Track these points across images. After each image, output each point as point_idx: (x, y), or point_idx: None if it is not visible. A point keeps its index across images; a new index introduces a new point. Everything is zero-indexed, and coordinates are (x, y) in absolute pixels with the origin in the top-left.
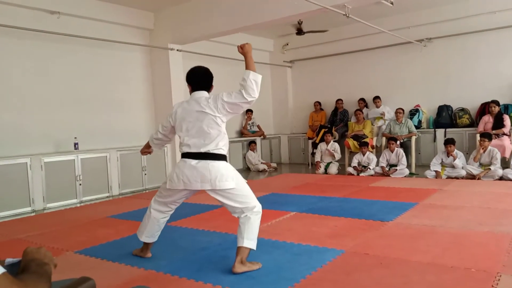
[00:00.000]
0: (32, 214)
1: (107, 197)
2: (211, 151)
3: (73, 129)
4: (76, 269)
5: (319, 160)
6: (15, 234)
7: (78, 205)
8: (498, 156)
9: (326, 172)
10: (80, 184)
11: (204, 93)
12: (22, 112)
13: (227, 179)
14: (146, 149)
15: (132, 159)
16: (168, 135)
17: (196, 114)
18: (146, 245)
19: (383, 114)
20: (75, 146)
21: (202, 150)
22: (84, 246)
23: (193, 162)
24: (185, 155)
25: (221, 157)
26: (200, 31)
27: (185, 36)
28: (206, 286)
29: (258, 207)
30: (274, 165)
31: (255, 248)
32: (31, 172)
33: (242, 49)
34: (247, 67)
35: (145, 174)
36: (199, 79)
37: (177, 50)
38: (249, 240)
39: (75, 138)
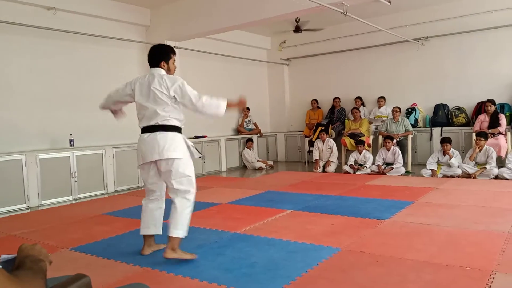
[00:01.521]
0: (27, 211)
1: (103, 194)
2: (160, 123)
3: (68, 126)
4: (71, 266)
5: (317, 158)
6: (10, 230)
7: (73, 202)
8: (494, 155)
9: (324, 170)
10: (75, 181)
11: (159, 70)
12: (18, 109)
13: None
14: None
15: (127, 156)
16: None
17: (149, 90)
18: (144, 239)
19: (383, 122)
20: (70, 143)
21: (152, 122)
22: (79, 243)
23: (145, 135)
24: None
25: (170, 128)
26: (197, 28)
27: (182, 33)
28: (202, 284)
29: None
30: (270, 163)
31: (183, 236)
32: (26, 169)
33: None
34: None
35: None
36: (150, 56)
37: (174, 47)
38: (177, 230)
39: (71, 135)
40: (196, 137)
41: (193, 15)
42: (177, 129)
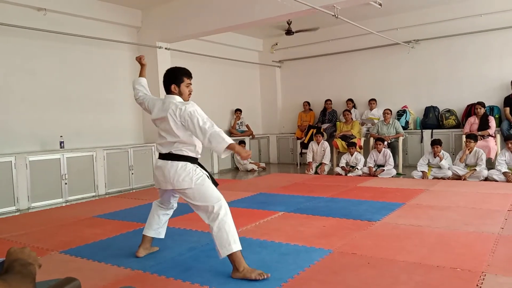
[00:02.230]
0: (17, 214)
1: (93, 196)
2: (173, 152)
3: (59, 127)
4: (61, 270)
5: (311, 160)
6: None
7: (64, 204)
8: (484, 157)
9: (316, 172)
10: (65, 183)
11: (172, 97)
12: (7, 110)
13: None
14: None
15: (119, 158)
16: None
17: (163, 118)
18: (143, 239)
19: (374, 124)
20: (60, 144)
21: (164, 151)
22: (69, 246)
23: (159, 162)
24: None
25: (181, 158)
26: (189, 30)
27: (174, 35)
28: (194, 286)
29: (217, 207)
30: (262, 165)
31: (235, 249)
32: (16, 171)
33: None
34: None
35: (132, 173)
36: (163, 80)
37: (166, 48)
38: (223, 249)
39: (61, 136)
40: None
41: (184, 16)
42: (188, 159)
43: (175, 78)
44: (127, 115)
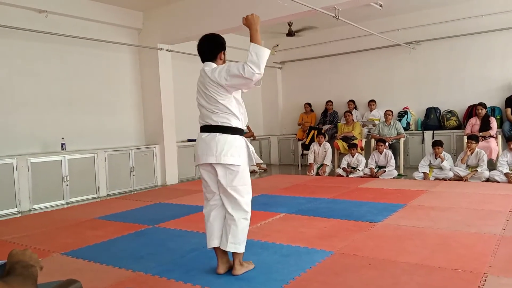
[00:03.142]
0: (18, 215)
1: (95, 198)
2: (220, 124)
3: (60, 129)
4: (63, 271)
5: (312, 162)
6: (0, 235)
7: (65, 206)
8: (485, 158)
9: (318, 173)
10: (67, 185)
11: (211, 65)
12: (9, 112)
13: (232, 154)
14: None
15: (120, 160)
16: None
17: (203, 86)
18: (216, 254)
19: (374, 124)
20: (62, 146)
21: (212, 123)
22: (71, 248)
23: (204, 135)
24: (200, 129)
25: (229, 130)
26: (190, 31)
27: (175, 36)
28: None
29: (247, 206)
30: (264, 166)
31: (243, 250)
32: (17, 172)
33: (246, 20)
34: (250, 40)
35: (134, 175)
36: (202, 49)
37: (167, 50)
38: (232, 245)
39: (62, 138)
40: (189, 140)
41: (186, 18)
42: (238, 131)
43: (223, 45)
44: (128, 117)
